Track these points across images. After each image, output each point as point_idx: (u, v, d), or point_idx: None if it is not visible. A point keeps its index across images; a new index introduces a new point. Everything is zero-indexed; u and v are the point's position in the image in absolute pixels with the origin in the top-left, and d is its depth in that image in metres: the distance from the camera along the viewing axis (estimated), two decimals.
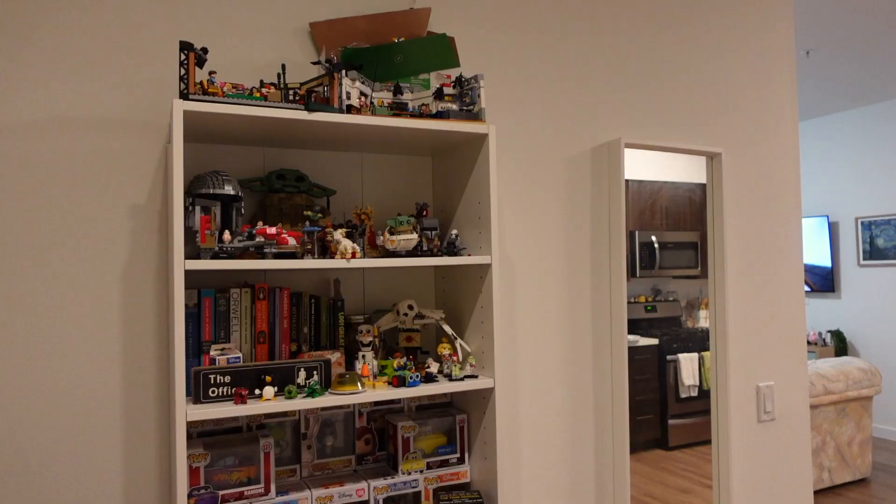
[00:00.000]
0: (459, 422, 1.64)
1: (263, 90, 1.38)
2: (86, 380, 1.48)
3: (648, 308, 2.23)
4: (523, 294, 1.91)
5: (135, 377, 1.52)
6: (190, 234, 1.46)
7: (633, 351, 2.11)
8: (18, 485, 1.43)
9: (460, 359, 1.59)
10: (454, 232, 1.59)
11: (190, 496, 1.38)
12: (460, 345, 1.61)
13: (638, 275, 2.18)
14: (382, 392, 1.43)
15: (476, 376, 1.57)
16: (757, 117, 2.37)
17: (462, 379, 1.54)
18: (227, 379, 1.35)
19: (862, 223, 6.02)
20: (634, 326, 2.12)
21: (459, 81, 1.59)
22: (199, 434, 1.50)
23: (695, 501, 2.22)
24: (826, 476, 4.55)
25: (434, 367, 1.52)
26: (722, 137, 2.29)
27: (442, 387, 1.49)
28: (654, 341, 2.22)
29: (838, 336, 6.08)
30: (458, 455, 1.64)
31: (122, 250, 1.52)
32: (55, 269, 1.46)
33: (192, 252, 1.41)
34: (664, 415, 2.20)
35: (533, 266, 1.93)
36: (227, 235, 1.37)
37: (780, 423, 2.34)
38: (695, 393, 2.25)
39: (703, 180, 2.27)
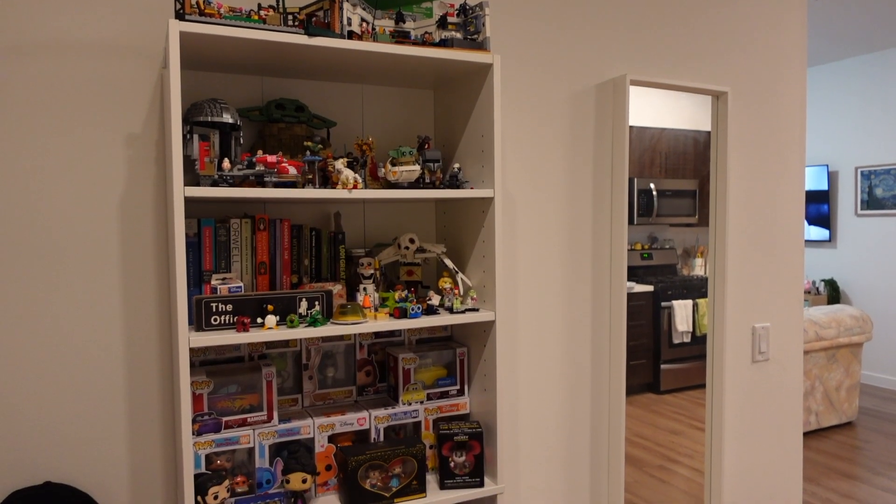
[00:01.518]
0: (459, 355, 1.66)
1: (262, 13, 1.34)
2: (86, 311, 1.48)
3: (644, 255, 2.23)
4: (524, 230, 1.91)
5: (135, 307, 1.52)
6: (188, 162, 1.44)
7: (629, 297, 2.12)
8: (18, 421, 1.45)
9: (461, 292, 1.60)
10: (456, 165, 1.57)
11: (194, 422, 1.40)
12: (461, 279, 1.61)
13: (635, 222, 2.17)
14: (384, 323, 1.44)
15: (477, 310, 1.57)
16: (765, 58, 2.32)
17: (463, 312, 1.54)
18: (229, 307, 1.35)
19: (861, 173, 6.00)
20: (630, 274, 2.12)
21: (463, 9, 1.54)
22: (202, 363, 1.52)
23: (685, 442, 2.27)
24: (813, 419, 4.66)
25: (435, 300, 1.53)
26: (728, 77, 2.25)
27: (443, 319, 1.50)
28: (650, 288, 2.23)
29: (832, 285, 6.13)
30: (457, 387, 1.66)
31: (119, 180, 1.49)
32: (52, 202, 1.44)
33: (192, 181, 1.39)
34: (657, 360, 2.23)
35: (534, 203, 1.92)
36: (226, 163, 1.34)
37: (773, 363, 2.38)
38: (688, 339, 2.27)
39: (703, 127, 2.24)
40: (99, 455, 1.51)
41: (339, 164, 1.40)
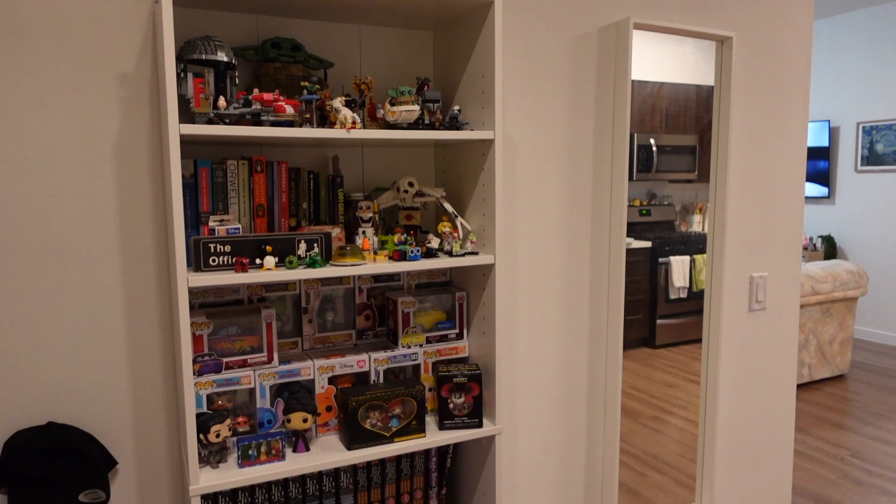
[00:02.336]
0: (459, 298, 1.66)
1: None
2: (83, 252, 1.47)
3: (643, 212, 2.22)
4: (524, 176, 1.89)
5: (133, 250, 1.51)
6: (183, 102, 1.41)
7: (627, 253, 2.12)
8: (20, 362, 1.45)
9: (461, 236, 1.59)
10: (456, 108, 1.55)
11: (194, 362, 1.41)
12: (461, 223, 1.60)
13: (635, 178, 2.15)
14: (383, 265, 1.43)
15: (476, 253, 1.57)
16: (771, 5, 2.27)
17: (462, 255, 1.54)
18: (228, 248, 1.34)
19: (863, 128, 5.94)
20: (629, 230, 2.12)
21: None
22: (201, 305, 1.51)
23: (679, 394, 2.30)
24: (806, 372, 4.73)
25: (434, 243, 1.52)
26: (734, 23, 2.20)
27: (442, 262, 1.50)
28: (647, 244, 2.22)
29: (829, 241, 6.14)
30: (456, 331, 1.67)
31: (113, 122, 1.47)
32: (45, 146, 1.42)
33: (187, 120, 1.37)
34: (653, 315, 2.24)
35: (535, 149, 1.90)
36: (222, 102, 1.32)
37: (770, 312, 2.39)
38: (684, 295, 2.28)
39: (704, 82, 2.20)
40: (101, 396, 1.53)
41: (337, 102, 1.38)
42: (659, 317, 2.26)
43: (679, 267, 2.27)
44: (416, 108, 1.44)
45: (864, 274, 4.86)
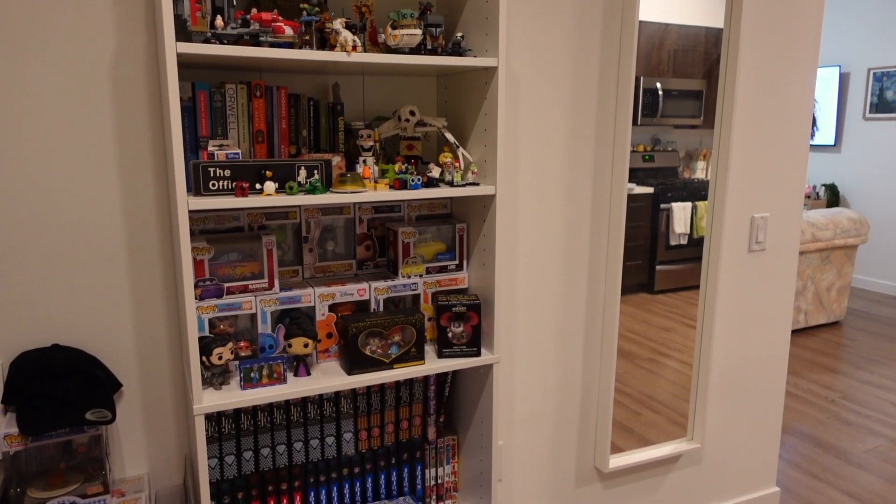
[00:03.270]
0: (459, 230, 1.66)
1: None
2: (82, 179, 1.46)
3: (646, 157, 2.19)
4: (527, 110, 1.86)
5: (132, 173, 1.50)
6: (179, 23, 1.38)
7: (628, 199, 2.11)
8: (24, 285, 1.46)
9: (462, 167, 1.58)
10: (459, 34, 1.51)
11: (196, 287, 1.42)
12: (462, 153, 1.58)
13: (639, 122, 2.12)
14: (383, 193, 1.43)
15: (477, 184, 1.56)
16: None
17: (464, 186, 1.53)
18: (227, 173, 1.34)
19: (874, 75, 5.83)
20: (631, 175, 2.10)
21: None
22: (201, 232, 1.52)
23: (675, 338, 2.32)
24: (802, 318, 4.77)
25: (436, 172, 1.51)
26: None
27: (443, 192, 1.49)
28: (650, 190, 2.20)
29: (832, 190, 6.11)
30: (456, 262, 1.67)
31: (108, 44, 1.43)
32: (38, 70, 1.39)
33: (184, 40, 1.33)
34: (652, 261, 2.24)
35: (538, 82, 1.86)
36: (219, 21, 1.29)
37: (769, 253, 2.40)
38: (684, 241, 2.27)
39: (713, 24, 2.13)
40: (104, 320, 1.55)
41: (338, 24, 1.34)
42: (658, 263, 2.26)
43: (680, 213, 2.26)
44: (419, 32, 1.40)
45: (866, 222, 4.86)
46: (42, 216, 1.45)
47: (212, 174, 1.32)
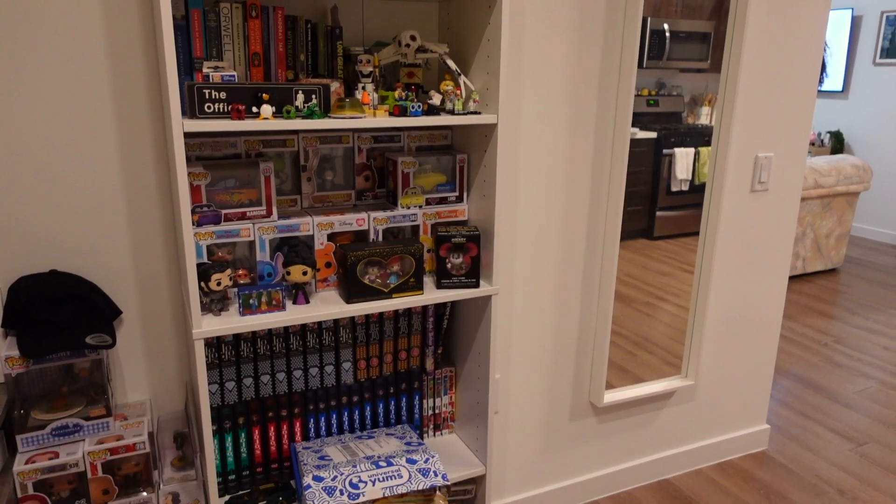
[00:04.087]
0: (459, 161, 1.64)
1: None
2: (75, 100, 1.43)
3: (650, 102, 2.14)
4: (531, 40, 1.81)
5: (125, 96, 1.47)
6: None
7: (631, 143, 2.07)
8: (22, 210, 1.44)
9: (463, 95, 1.54)
10: None
11: (193, 212, 1.40)
12: (464, 81, 1.55)
13: (645, 65, 2.06)
14: (383, 120, 1.40)
15: (479, 112, 1.53)
16: None
17: (465, 114, 1.50)
18: (223, 95, 1.30)
19: (887, 18, 5.68)
20: (634, 120, 2.06)
21: None
22: (198, 158, 1.49)
23: (672, 283, 2.32)
24: (800, 264, 4.79)
25: (437, 100, 1.48)
26: None
27: (444, 119, 1.46)
28: (653, 135, 2.16)
29: (837, 137, 6.04)
30: (456, 193, 1.66)
31: None
32: None
33: None
34: (653, 207, 2.22)
35: (544, 13, 1.80)
36: None
37: (771, 194, 2.38)
38: (686, 187, 2.25)
39: None
40: (102, 246, 1.54)
41: None
42: (659, 209, 2.24)
43: (683, 159, 2.23)
44: None
45: (869, 169, 4.82)
46: (37, 141, 1.42)
47: (207, 96, 1.29)
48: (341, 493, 1.43)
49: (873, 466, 2.58)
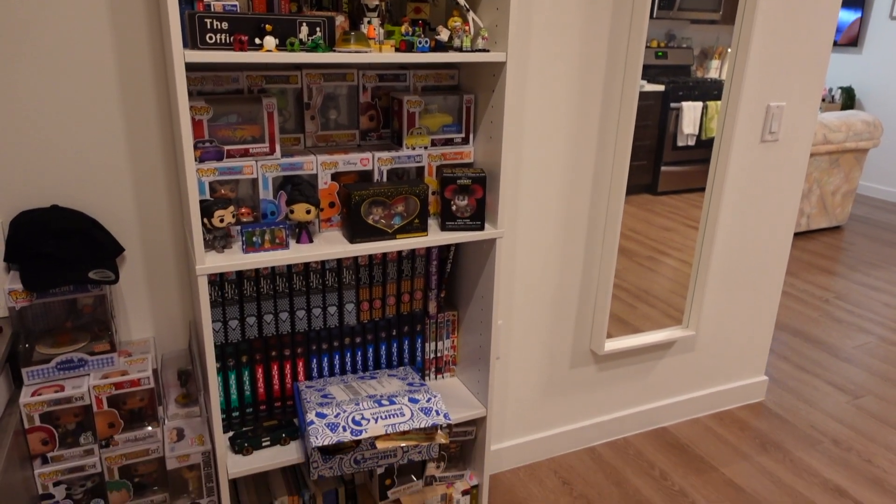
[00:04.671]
0: (466, 101, 1.60)
1: None
2: (73, 34, 1.39)
3: (659, 54, 2.09)
4: None
5: (125, 26, 1.43)
6: None
7: (638, 96, 2.03)
8: (23, 144, 1.42)
9: (471, 32, 1.50)
10: None
11: (195, 148, 1.38)
12: (472, 17, 1.50)
13: (654, 15, 1.99)
14: (389, 55, 1.36)
15: (487, 50, 1.49)
16: None
17: (473, 51, 1.46)
18: (225, 26, 1.26)
19: None
20: (642, 72, 2.01)
21: None
22: (199, 93, 1.46)
23: (676, 238, 2.31)
24: (804, 221, 4.76)
25: (444, 35, 1.44)
26: None
27: (451, 56, 1.42)
28: (660, 88, 2.11)
29: (848, 93, 5.93)
30: (462, 135, 1.63)
31: None
32: None
33: None
34: (658, 161, 2.18)
35: None
36: None
37: (781, 144, 2.34)
38: (692, 142, 2.21)
39: None
40: (103, 182, 1.52)
41: None
42: (664, 164, 2.21)
43: (690, 113, 2.18)
44: None
45: (880, 125, 4.75)
46: (34, 75, 1.39)
47: (208, 26, 1.25)
48: (344, 430, 1.45)
49: (869, 419, 2.61)
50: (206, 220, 1.36)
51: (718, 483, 2.21)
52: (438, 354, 1.83)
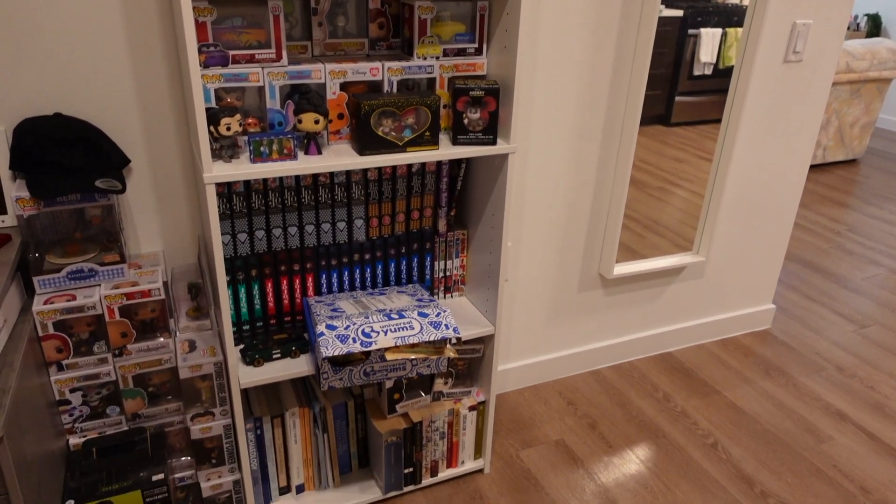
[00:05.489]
0: (480, 8, 1.54)
1: None
2: None
3: None
4: None
5: None
6: None
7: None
8: (25, 52, 1.37)
9: None
10: None
11: (200, 52, 1.33)
12: None
13: None
14: None
15: None
16: None
17: None
18: None
19: None
20: None
21: None
22: None
23: (688, 169, 2.26)
24: (820, 153, 4.67)
25: None
26: None
27: None
28: (678, 13, 2.01)
29: (874, 20, 5.71)
30: (475, 45, 1.57)
31: None
32: None
33: None
34: (672, 92, 2.10)
35: None
36: None
37: (805, 66, 2.26)
38: (709, 71, 2.12)
39: None
40: (106, 90, 1.48)
41: None
42: (679, 94, 2.13)
43: (708, 40, 2.09)
44: None
45: None
46: None
47: None
48: (354, 341, 1.46)
49: (874, 347, 2.63)
50: (212, 128, 1.33)
51: (720, 405, 2.25)
52: (447, 273, 1.82)
